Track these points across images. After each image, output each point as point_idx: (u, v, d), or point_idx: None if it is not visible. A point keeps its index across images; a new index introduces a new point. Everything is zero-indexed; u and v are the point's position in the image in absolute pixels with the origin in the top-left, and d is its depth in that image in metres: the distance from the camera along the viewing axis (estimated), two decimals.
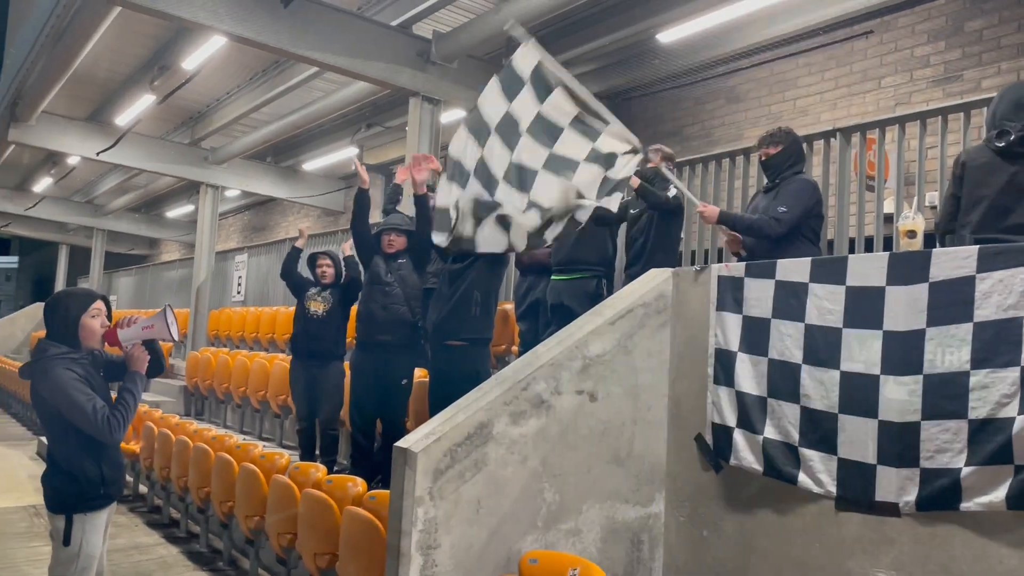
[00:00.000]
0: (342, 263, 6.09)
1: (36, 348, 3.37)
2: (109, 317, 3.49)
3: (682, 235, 5.67)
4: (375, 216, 6.30)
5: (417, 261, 5.49)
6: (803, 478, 3.29)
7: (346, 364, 5.89)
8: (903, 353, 3.04)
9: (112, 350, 3.55)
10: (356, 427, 5.47)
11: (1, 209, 19.42)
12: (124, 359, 3.53)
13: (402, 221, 5.55)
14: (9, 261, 36.25)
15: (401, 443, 3.24)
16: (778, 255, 3.84)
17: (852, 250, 4.96)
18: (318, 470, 4.87)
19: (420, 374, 5.76)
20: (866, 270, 3.20)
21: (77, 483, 3.29)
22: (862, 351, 3.16)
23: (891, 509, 3.05)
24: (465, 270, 5.04)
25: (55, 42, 8.65)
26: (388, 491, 3.43)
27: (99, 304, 3.44)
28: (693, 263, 5.84)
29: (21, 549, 6.07)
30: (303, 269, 6.36)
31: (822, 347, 3.26)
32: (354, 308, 5.85)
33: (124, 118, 12.16)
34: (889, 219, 5.01)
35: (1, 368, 16.78)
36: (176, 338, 3.42)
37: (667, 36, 8.06)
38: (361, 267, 5.75)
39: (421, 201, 5.21)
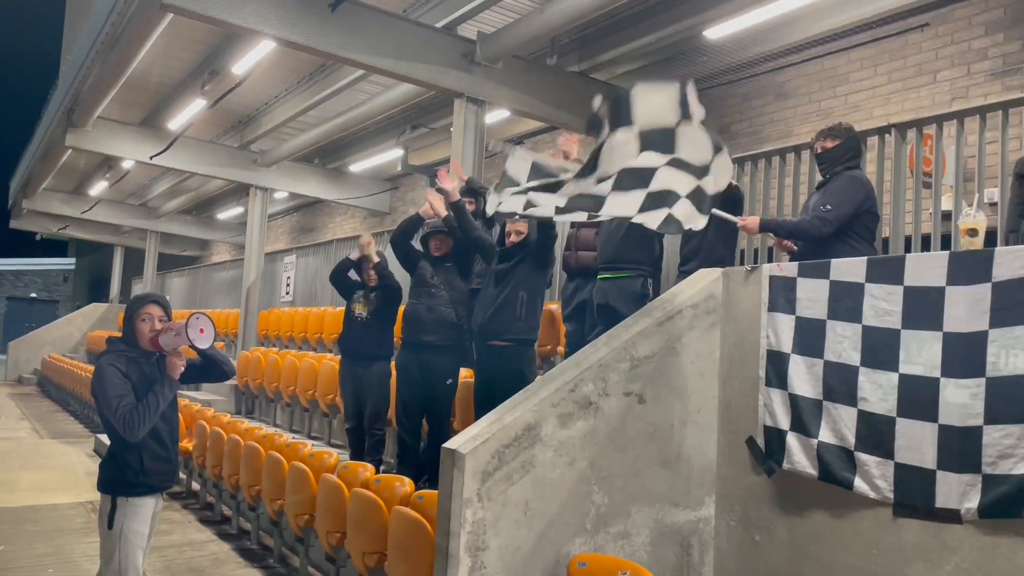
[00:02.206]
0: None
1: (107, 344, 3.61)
2: (168, 320, 3.63)
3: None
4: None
5: (462, 265, 5.52)
6: (859, 483, 3.21)
7: (392, 364, 5.93)
8: (964, 355, 2.95)
9: (189, 353, 3.68)
10: (402, 427, 5.50)
11: (59, 212, 20.00)
12: (194, 361, 3.72)
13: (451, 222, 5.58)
14: (66, 263, 37.28)
15: (449, 444, 3.24)
16: (825, 255, 3.75)
17: (908, 249, 4.84)
18: (366, 469, 4.90)
19: (466, 374, 5.77)
20: (925, 270, 3.12)
21: (120, 468, 3.48)
22: (921, 353, 3.07)
23: (952, 516, 2.96)
24: (511, 270, 5.03)
25: (109, 49, 8.87)
26: (436, 491, 3.44)
27: (149, 308, 3.56)
28: (743, 263, 5.75)
29: (79, 544, 6.23)
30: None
31: (879, 349, 3.18)
32: (402, 309, 5.89)
33: (176, 122, 12.42)
34: (947, 217, 4.86)
35: (59, 367, 17.28)
36: (201, 346, 3.47)
37: (714, 32, 7.95)
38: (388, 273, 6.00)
39: (457, 207, 5.25)
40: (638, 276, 5.13)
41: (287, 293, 12.78)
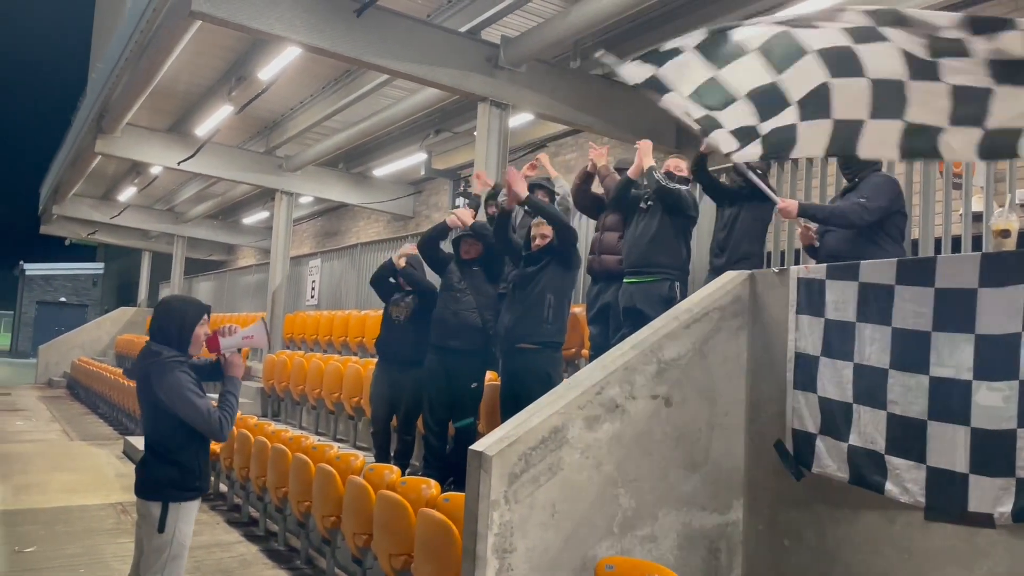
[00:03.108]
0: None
1: (148, 350, 3.56)
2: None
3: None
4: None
5: (490, 270, 5.54)
6: (890, 487, 3.18)
7: None
8: (997, 357, 2.91)
9: (206, 354, 3.76)
10: (429, 429, 5.53)
11: (88, 218, 20.30)
12: (207, 362, 3.76)
13: (481, 228, 5.62)
14: (95, 267, 37.80)
15: (476, 446, 3.25)
16: (862, 255, 3.72)
17: (938, 250, 4.78)
18: (392, 472, 4.93)
19: (491, 377, 5.79)
20: (956, 271, 3.08)
21: (177, 473, 3.50)
22: (953, 355, 3.04)
23: (985, 520, 2.92)
24: (537, 273, 5.05)
25: (138, 57, 9.00)
26: (462, 493, 3.45)
27: (205, 315, 3.68)
28: (770, 265, 5.71)
29: (109, 545, 6.31)
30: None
31: (910, 351, 3.15)
32: None
33: (203, 128, 12.58)
34: (978, 218, 4.81)
35: (89, 370, 17.52)
36: (269, 348, 3.59)
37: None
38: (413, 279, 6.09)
39: (507, 215, 5.30)
40: (664, 280, 5.12)
41: (312, 297, 12.88)
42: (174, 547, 3.47)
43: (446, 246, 5.94)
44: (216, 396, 3.59)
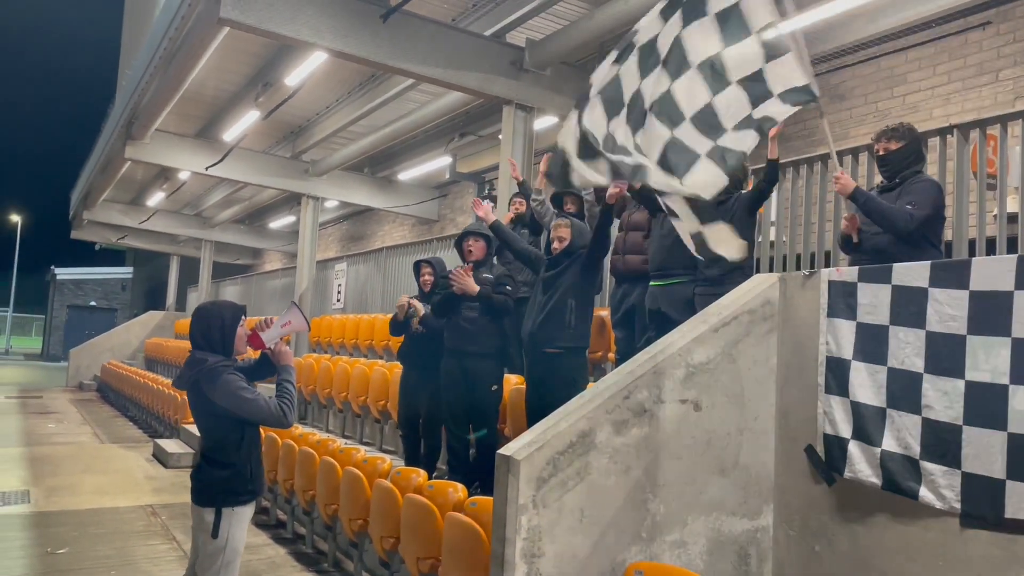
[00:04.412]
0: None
1: (193, 359, 3.58)
2: None
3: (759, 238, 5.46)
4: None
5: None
6: (925, 493, 3.12)
7: None
8: None
9: (254, 353, 3.84)
10: (451, 433, 5.52)
11: (117, 223, 20.61)
12: (251, 362, 3.84)
13: (481, 227, 5.62)
14: (124, 272, 38.36)
15: (504, 451, 3.24)
16: (903, 258, 3.65)
17: (972, 252, 4.70)
18: (419, 475, 4.93)
19: (516, 381, 5.77)
20: (992, 274, 3.02)
21: (229, 478, 3.55)
22: (988, 359, 2.98)
23: (1023, 527, 2.86)
24: (559, 277, 5.02)
25: (167, 64, 9.12)
26: (489, 497, 3.44)
27: (243, 316, 3.75)
28: (799, 267, 5.65)
29: (139, 547, 6.38)
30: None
31: (945, 355, 3.09)
32: None
33: (230, 134, 12.71)
34: (1013, 219, 4.72)
35: (119, 373, 17.75)
36: (309, 328, 3.68)
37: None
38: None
39: (495, 229, 5.35)
40: (690, 282, 5.07)
41: (338, 300, 12.96)
42: (228, 552, 3.52)
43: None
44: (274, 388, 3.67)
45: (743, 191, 4.88)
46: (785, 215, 6.05)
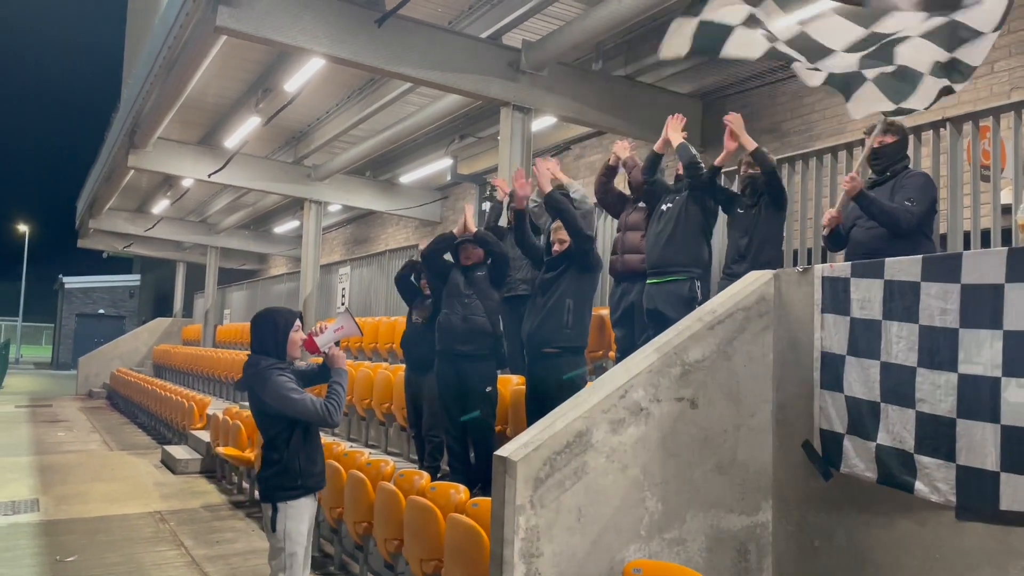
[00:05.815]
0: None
1: (249, 362, 3.82)
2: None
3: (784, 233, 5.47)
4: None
5: (495, 274, 5.55)
6: (920, 486, 3.14)
7: None
8: None
9: (315, 360, 4.03)
10: (449, 435, 5.55)
11: (124, 231, 20.70)
12: (313, 367, 4.06)
13: (483, 235, 5.64)
14: (132, 279, 38.52)
15: (501, 452, 3.27)
16: (897, 252, 3.66)
17: (967, 244, 4.71)
18: (422, 477, 4.96)
19: (517, 381, 5.80)
20: (983, 267, 3.03)
21: (280, 473, 3.74)
22: (981, 352, 2.99)
23: (1018, 519, 2.87)
24: (557, 278, 5.05)
25: (167, 72, 9.17)
26: (489, 499, 3.46)
27: (298, 321, 3.96)
28: (795, 264, 5.67)
29: (148, 553, 6.43)
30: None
31: (937, 349, 3.11)
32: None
33: (232, 140, 12.77)
34: (1007, 211, 4.73)
35: (127, 380, 17.84)
36: (361, 332, 3.96)
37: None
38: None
39: (520, 215, 5.30)
40: (687, 279, 5.10)
41: (342, 304, 13.00)
42: (288, 545, 3.71)
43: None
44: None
45: (753, 197, 4.97)
46: None
